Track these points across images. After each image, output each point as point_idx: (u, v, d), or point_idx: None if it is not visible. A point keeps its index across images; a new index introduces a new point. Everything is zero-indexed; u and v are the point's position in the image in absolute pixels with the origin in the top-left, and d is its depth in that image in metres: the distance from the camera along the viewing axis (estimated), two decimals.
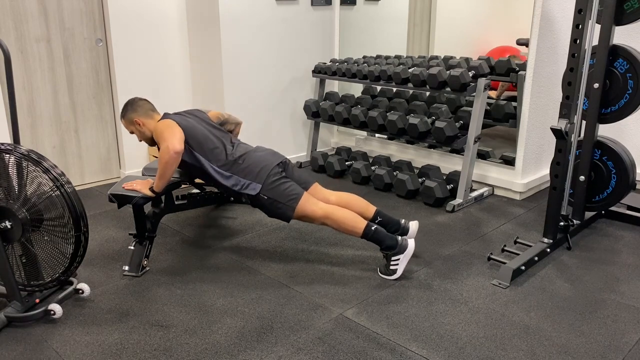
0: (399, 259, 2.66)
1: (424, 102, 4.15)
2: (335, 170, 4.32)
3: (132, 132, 2.87)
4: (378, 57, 4.64)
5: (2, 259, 2.24)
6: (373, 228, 2.66)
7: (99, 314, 2.40)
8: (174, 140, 2.60)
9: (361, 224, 2.65)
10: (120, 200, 2.68)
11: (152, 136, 2.80)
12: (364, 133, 4.77)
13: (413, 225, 2.93)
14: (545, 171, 3.96)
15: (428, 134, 3.77)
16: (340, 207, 2.73)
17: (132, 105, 2.83)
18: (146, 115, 2.82)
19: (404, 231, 2.89)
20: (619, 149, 3.05)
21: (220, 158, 2.75)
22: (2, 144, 2.27)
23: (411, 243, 2.68)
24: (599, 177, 3.13)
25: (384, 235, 2.67)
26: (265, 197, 2.68)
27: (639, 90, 2.86)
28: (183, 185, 3.19)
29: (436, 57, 4.37)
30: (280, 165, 2.76)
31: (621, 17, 2.85)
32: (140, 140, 2.89)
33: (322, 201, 2.76)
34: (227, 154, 2.76)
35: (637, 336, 2.23)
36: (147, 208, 2.94)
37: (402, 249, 2.66)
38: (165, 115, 2.83)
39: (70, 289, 2.47)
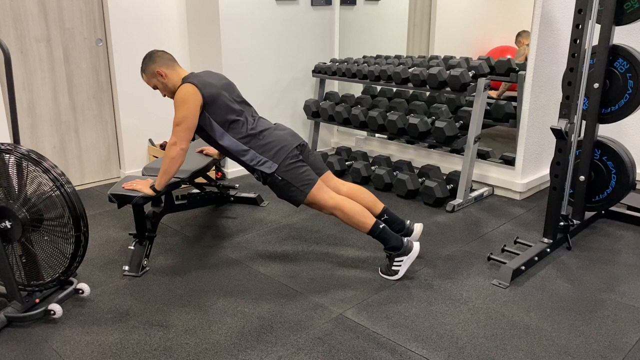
0: (402, 260, 2.66)
1: (424, 102, 4.15)
2: (335, 170, 4.32)
3: (155, 87, 2.77)
4: (378, 57, 4.64)
5: (2, 259, 2.24)
6: (381, 226, 2.65)
7: (99, 314, 2.40)
8: (183, 136, 2.57)
9: (370, 220, 2.64)
10: (120, 200, 2.68)
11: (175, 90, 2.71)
12: (364, 133, 4.77)
13: (417, 228, 2.92)
14: (545, 171, 3.96)
15: (428, 134, 3.77)
16: (350, 199, 2.72)
17: (150, 58, 2.73)
18: (168, 66, 2.72)
19: (408, 232, 2.89)
20: (619, 149, 3.05)
21: (240, 130, 2.69)
22: (2, 144, 2.27)
23: (416, 246, 2.67)
24: (599, 177, 3.13)
25: (390, 235, 2.66)
26: (280, 178, 2.66)
27: (639, 90, 2.86)
28: (183, 185, 3.18)
29: (436, 57, 4.37)
30: (298, 148, 2.73)
31: (621, 17, 2.85)
32: (164, 95, 2.79)
33: (333, 190, 2.75)
34: (247, 127, 2.71)
35: (637, 336, 2.23)
36: (147, 208, 2.94)
37: (407, 250, 2.65)
38: (191, 76, 2.70)
39: (70, 289, 2.47)
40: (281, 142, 2.69)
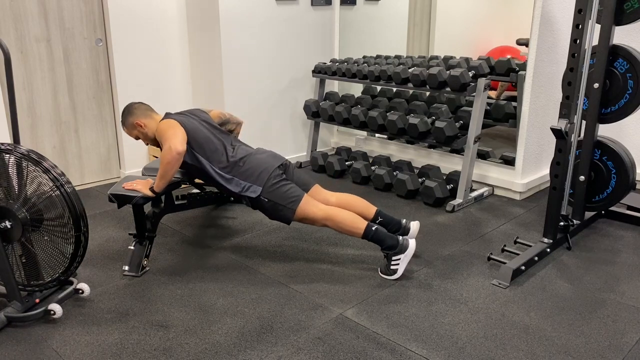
0: (399, 259, 2.66)
1: (424, 102, 4.15)
2: (335, 170, 4.32)
3: (137, 138, 2.87)
4: (378, 57, 4.64)
5: (2, 259, 2.24)
6: (374, 228, 2.66)
7: (99, 314, 2.40)
8: (177, 140, 2.60)
9: (362, 224, 2.66)
10: (120, 200, 2.68)
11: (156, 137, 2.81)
12: (364, 133, 4.77)
13: (414, 226, 2.93)
14: (545, 171, 3.96)
15: (428, 134, 3.77)
16: (341, 208, 2.73)
17: (128, 110, 2.84)
18: (145, 116, 2.83)
19: (405, 231, 2.89)
20: (619, 149, 3.05)
21: (221, 160, 2.75)
22: (2, 144, 2.27)
23: (412, 243, 2.68)
24: (599, 177, 3.13)
25: (384, 235, 2.67)
26: (266, 200, 2.68)
27: (639, 90, 2.86)
28: (183, 185, 3.19)
29: (436, 57, 4.37)
30: (280, 168, 2.77)
31: (621, 17, 2.85)
32: (147, 144, 2.89)
33: (322, 202, 2.76)
34: (228, 156, 2.76)
35: (637, 336, 2.23)
36: (147, 208, 2.94)
37: (403, 248, 2.66)
38: (167, 115, 2.82)
39: (70, 288, 2.47)
40: (262, 165, 2.73)
